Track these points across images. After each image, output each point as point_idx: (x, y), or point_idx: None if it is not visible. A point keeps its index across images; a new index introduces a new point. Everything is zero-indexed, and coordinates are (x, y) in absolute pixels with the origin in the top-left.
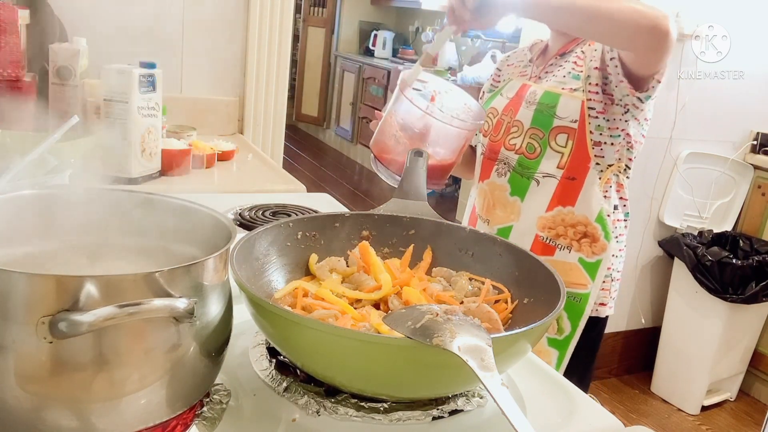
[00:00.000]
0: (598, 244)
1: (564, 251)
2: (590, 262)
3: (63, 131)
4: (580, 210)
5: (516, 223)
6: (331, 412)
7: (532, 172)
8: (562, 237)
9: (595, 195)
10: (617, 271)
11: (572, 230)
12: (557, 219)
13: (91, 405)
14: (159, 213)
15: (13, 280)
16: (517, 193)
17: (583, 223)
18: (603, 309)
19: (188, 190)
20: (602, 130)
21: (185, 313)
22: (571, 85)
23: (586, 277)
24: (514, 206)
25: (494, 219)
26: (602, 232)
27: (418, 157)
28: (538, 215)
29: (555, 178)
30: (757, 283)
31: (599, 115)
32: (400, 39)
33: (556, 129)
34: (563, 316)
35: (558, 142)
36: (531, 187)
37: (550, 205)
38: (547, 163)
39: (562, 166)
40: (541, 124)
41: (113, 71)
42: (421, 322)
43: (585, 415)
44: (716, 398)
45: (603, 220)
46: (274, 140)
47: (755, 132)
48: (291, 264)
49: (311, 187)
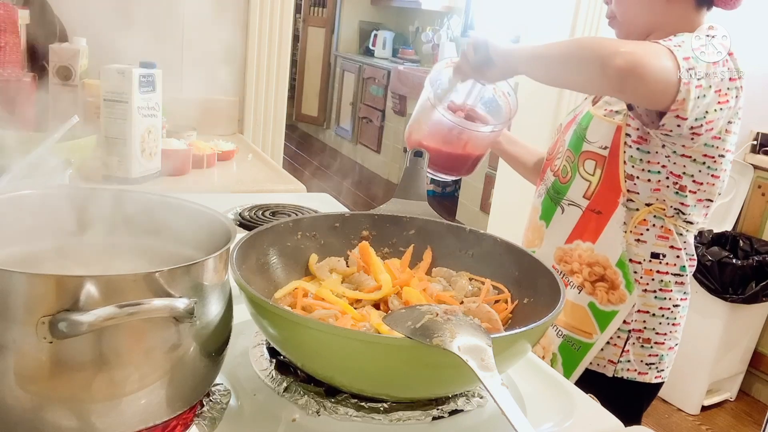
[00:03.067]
0: (616, 292)
1: (575, 290)
2: (603, 311)
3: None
4: (601, 249)
5: (538, 249)
6: (331, 412)
7: (561, 198)
8: (576, 274)
9: (618, 235)
10: (656, 332)
11: (588, 269)
12: (574, 254)
13: (91, 405)
14: (159, 213)
15: (13, 280)
16: (544, 218)
17: (602, 264)
18: (612, 367)
19: (188, 190)
20: (636, 162)
21: (185, 313)
22: (615, 107)
23: (593, 326)
24: (540, 231)
25: (526, 240)
26: (623, 281)
27: (418, 158)
28: (557, 245)
29: (580, 208)
30: (757, 283)
31: (634, 145)
32: (400, 39)
33: (585, 154)
34: (558, 360)
35: (586, 168)
36: (556, 213)
37: (570, 237)
38: (575, 190)
39: (589, 196)
40: (574, 147)
41: (113, 71)
42: (421, 322)
43: (585, 415)
44: (716, 398)
45: (625, 267)
46: (274, 140)
47: (755, 132)
48: (291, 264)
49: (311, 187)
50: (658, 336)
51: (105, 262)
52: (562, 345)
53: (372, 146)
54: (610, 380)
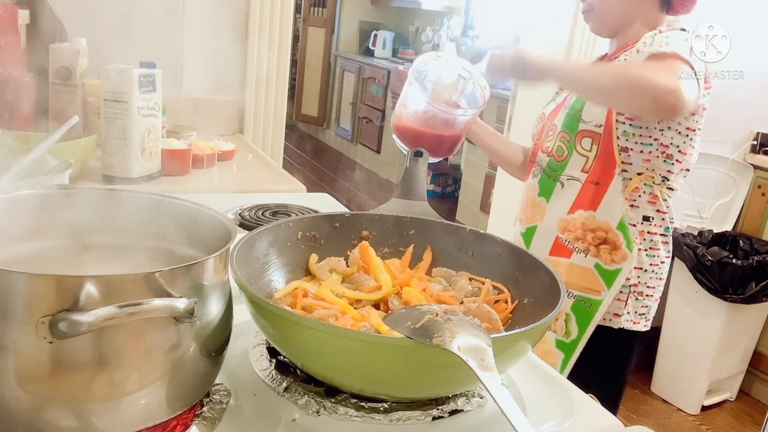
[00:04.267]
0: (618, 252)
1: (581, 255)
2: (608, 270)
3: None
4: (602, 215)
5: (540, 223)
6: (331, 412)
7: (558, 174)
8: (581, 240)
9: (618, 202)
10: (647, 286)
11: (591, 235)
12: (577, 222)
13: (91, 405)
14: (159, 213)
15: (13, 280)
16: (543, 194)
17: (604, 228)
18: (617, 320)
19: (188, 190)
20: (629, 137)
21: (185, 313)
22: None
23: (600, 284)
24: (540, 206)
25: (525, 218)
26: (624, 241)
27: (418, 158)
28: (559, 217)
29: (579, 182)
30: (757, 283)
31: (627, 121)
32: (400, 39)
33: (582, 133)
34: (572, 319)
35: (583, 145)
36: (556, 188)
37: (572, 208)
38: (573, 166)
39: (587, 170)
40: (569, 128)
41: (113, 71)
42: (421, 322)
43: (585, 415)
44: (716, 398)
45: (625, 229)
46: (274, 140)
47: (755, 132)
48: (291, 264)
49: (311, 187)
50: (649, 289)
51: (105, 262)
52: (574, 305)
53: (372, 146)
54: (615, 332)
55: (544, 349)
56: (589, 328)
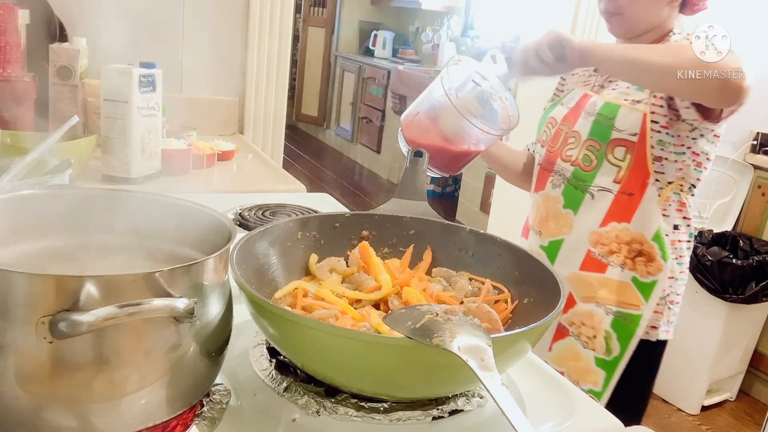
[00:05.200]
0: (654, 264)
1: (616, 269)
2: (644, 283)
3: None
4: (636, 227)
5: (567, 237)
6: (331, 412)
7: (587, 185)
8: (616, 254)
9: (653, 213)
10: (676, 294)
11: (626, 248)
12: (611, 235)
13: (91, 405)
14: (159, 213)
15: (13, 280)
16: (570, 206)
17: (639, 241)
18: (654, 332)
19: (188, 190)
20: (664, 146)
21: (185, 313)
22: (634, 97)
23: (639, 298)
24: (566, 219)
25: (546, 231)
26: (659, 252)
27: (418, 158)
28: (590, 230)
29: (611, 193)
30: (757, 283)
31: (662, 130)
32: (400, 39)
33: (614, 141)
34: (612, 337)
35: (616, 155)
36: (585, 200)
37: (604, 220)
38: (603, 176)
39: (619, 180)
40: (598, 136)
41: (113, 71)
42: (421, 322)
43: (585, 415)
44: (716, 398)
45: (660, 240)
46: (274, 140)
47: (755, 132)
48: (291, 264)
49: (311, 187)
50: (677, 296)
51: (105, 262)
52: (614, 321)
53: (372, 146)
54: (653, 344)
55: (582, 368)
56: (631, 343)
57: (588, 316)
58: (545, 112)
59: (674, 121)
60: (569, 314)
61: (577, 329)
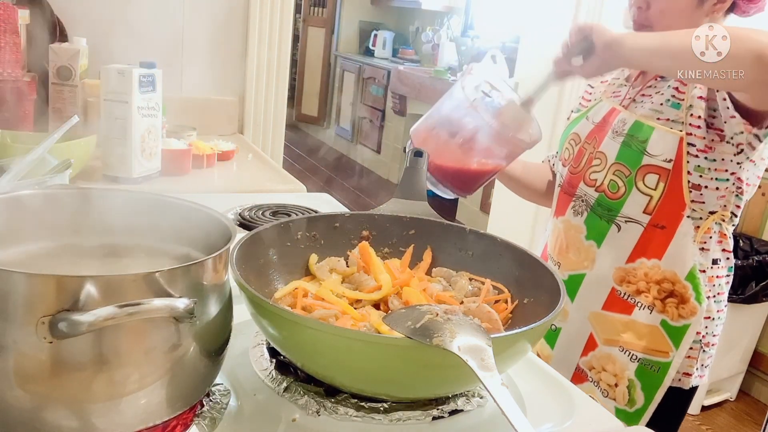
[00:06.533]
0: (687, 306)
1: (644, 311)
2: (676, 327)
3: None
4: (668, 265)
5: (589, 272)
6: (331, 412)
7: (614, 215)
8: (644, 294)
9: (688, 248)
10: (712, 335)
11: (656, 287)
12: (639, 273)
13: (91, 405)
14: (159, 213)
15: (13, 280)
16: (593, 237)
17: (671, 280)
18: (687, 380)
19: (188, 190)
20: (703, 172)
21: (185, 313)
22: (669, 115)
23: (668, 344)
24: (588, 252)
25: (566, 263)
26: (693, 294)
27: (418, 158)
28: (616, 265)
29: (640, 225)
30: (757, 283)
31: (700, 154)
32: (400, 39)
33: (646, 167)
34: (636, 386)
35: (647, 183)
36: (611, 231)
37: (631, 256)
38: (632, 205)
39: (650, 211)
40: (627, 160)
41: (113, 71)
42: (421, 322)
43: (585, 415)
44: (716, 398)
45: (695, 279)
46: (274, 140)
47: None
48: (291, 264)
49: (311, 187)
50: (714, 338)
51: (105, 262)
52: (639, 369)
53: (372, 146)
54: (686, 392)
55: None
56: (658, 394)
57: (610, 361)
58: (568, 125)
59: (717, 143)
60: (589, 357)
61: (597, 374)
